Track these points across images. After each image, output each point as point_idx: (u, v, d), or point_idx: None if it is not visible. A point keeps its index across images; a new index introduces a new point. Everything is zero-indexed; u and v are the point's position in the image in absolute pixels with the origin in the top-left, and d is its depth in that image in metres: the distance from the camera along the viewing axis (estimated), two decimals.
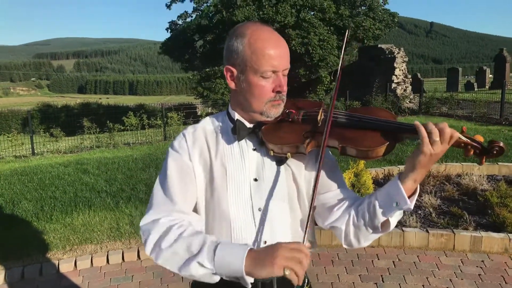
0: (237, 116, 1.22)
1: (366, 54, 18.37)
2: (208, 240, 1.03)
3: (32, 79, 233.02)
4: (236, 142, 1.20)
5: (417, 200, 4.14)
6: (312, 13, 19.10)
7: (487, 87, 25.32)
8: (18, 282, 3.51)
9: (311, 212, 1.08)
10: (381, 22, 19.98)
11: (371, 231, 1.14)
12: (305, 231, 1.07)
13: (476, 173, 5.54)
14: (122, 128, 10.89)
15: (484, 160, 1.04)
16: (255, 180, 1.19)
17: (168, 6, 21.87)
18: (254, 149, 1.21)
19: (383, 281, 3.36)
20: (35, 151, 9.48)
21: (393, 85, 16.20)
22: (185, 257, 1.02)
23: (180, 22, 21.48)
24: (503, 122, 10.89)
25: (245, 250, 0.98)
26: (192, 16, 20.92)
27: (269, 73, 1.13)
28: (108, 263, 3.79)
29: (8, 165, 8.06)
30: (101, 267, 3.74)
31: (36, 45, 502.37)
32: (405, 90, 16.30)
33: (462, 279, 3.35)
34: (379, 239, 3.92)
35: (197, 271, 1.01)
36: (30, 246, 4.01)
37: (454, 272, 3.46)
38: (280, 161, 1.19)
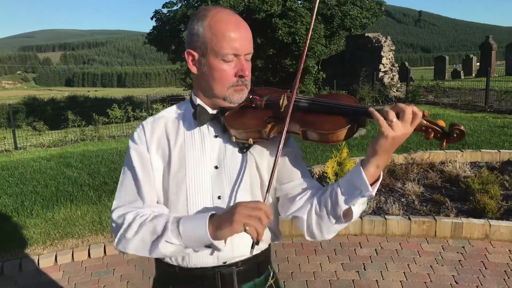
0: (198, 101, 1.19)
1: (353, 43, 18.36)
2: (170, 219, 1.07)
3: (18, 72, 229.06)
4: (198, 128, 1.18)
5: (400, 188, 4.10)
6: (299, 2, 18.97)
7: (473, 75, 25.54)
8: None
9: (274, 174, 1.08)
10: (368, 11, 19.93)
11: (334, 220, 1.11)
12: (267, 190, 1.07)
13: (459, 160, 5.58)
14: (107, 120, 10.76)
15: (444, 143, 1.03)
16: (216, 167, 1.17)
17: None
18: (216, 136, 1.18)
19: (365, 269, 3.37)
20: (18, 145, 9.32)
21: (380, 74, 16.24)
22: (152, 239, 1.06)
23: (165, 11, 21.15)
24: (488, 110, 10.98)
25: (206, 218, 1.03)
26: (177, 5, 20.61)
27: (231, 56, 1.11)
28: (90, 257, 3.74)
29: None
30: (82, 261, 3.69)
31: (20, 38, 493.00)
32: (392, 79, 16.34)
33: (442, 265, 3.37)
34: (362, 227, 3.94)
35: (167, 249, 1.05)
36: (9, 242, 3.95)
37: (435, 259, 3.48)
38: (242, 148, 1.17)
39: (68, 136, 10.04)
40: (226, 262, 1.17)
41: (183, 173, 1.15)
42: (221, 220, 1.01)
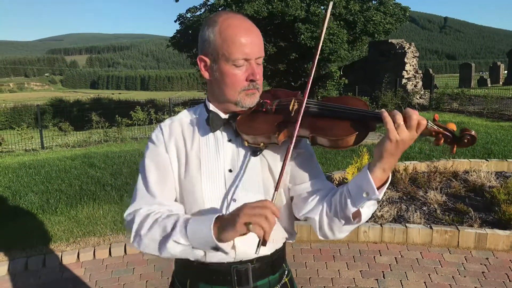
0: (211, 107, 1.22)
1: (376, 49, 18.14)
2: (180, 219, 1.07)
3: (46, 74, 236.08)
4: (212, 133, 1.20)
5: (422, 196, 4.03)
6: (322, 7, 18.89)
7: (501, 83, 24.89)
8: (22, 273, 3.55)
9: (281, 176, 1.07)
10: (392, 17, 19.65)
11: (343, 222, 1.12)
12: (276, 188, 1.06)
13: (484, 170, 5.44)
14: (130, 122, 10.96)
15: (455, 149, 1.00)
16: (230, 171, 1.19)
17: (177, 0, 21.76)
18: (229, 140, 1.21)
19: (384, 277, 3.32)
20: (45, 145, 9.60)
21: (404, 81, 16.00)
22: (161, 238, 1.06)
23: (188, 15, 21.34)
24: None
25: (211, 219, 1.01)
26: (201, 10, 20.81)
27: (241, 61, 1.12)
28: (111, 256, 3.81)
29: (17, 158, 8.18)
30: (103, 259, 3.77)
31: (49, 41, 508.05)
32: (415, 86, 16.08)
33: (465, 277, 3.29)
34: (382, 235, 3.88)
35: (175, 249, 1.05)
36: (34, 238, 4.06)
37: (457, 269, 3.40)
38: (255, 152, 1.19)
39: (92, 137, 10.28)
40: (242, 259, 1.20)
41: (198, 176, 1.18)
42: (225, 222, 1.00)
